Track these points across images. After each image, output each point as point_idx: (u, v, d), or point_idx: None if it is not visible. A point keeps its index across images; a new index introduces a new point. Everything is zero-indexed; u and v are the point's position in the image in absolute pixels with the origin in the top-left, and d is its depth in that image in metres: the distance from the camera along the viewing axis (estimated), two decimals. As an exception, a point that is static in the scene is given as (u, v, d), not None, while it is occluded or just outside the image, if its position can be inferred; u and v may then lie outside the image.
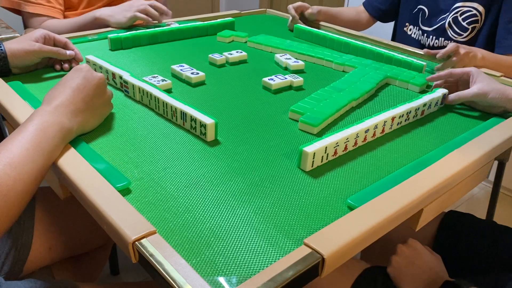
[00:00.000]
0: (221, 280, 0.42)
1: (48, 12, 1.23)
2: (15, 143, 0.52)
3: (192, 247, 0.46)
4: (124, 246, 0.45)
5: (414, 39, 1.31)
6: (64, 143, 0.59)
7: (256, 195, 0.55)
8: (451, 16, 1.18)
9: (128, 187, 0.55)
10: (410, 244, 0.78)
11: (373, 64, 0.99)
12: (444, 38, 1.21)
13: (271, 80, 0.87)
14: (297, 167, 0.62)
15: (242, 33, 1.19)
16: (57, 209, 0.83)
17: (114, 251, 1.34)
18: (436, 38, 1.23)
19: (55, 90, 0.63)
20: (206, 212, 0.52)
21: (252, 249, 0.46)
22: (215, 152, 0.64)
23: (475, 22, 1.15)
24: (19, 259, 0.76)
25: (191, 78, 0.87)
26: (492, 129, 0.74)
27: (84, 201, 0.52)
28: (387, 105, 0.83)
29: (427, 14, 1.25)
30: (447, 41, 1.21)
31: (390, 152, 0.67)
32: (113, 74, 0.84)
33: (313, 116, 0.73)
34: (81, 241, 0.87)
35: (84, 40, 1.09)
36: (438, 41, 1.23)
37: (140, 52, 1.05)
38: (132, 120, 0.73)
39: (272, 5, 3.13)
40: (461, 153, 0.65)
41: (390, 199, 0.53)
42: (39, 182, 0.54)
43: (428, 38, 1.25)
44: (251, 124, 0.73)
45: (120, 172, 0.57)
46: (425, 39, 1.26)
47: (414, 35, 1.30)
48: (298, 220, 0.51)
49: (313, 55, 1.04)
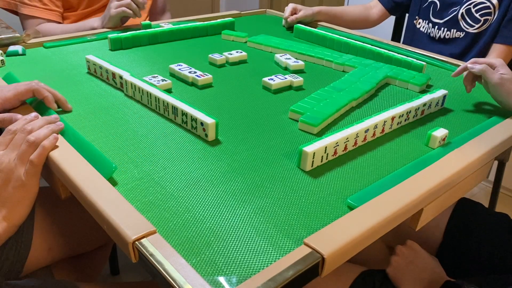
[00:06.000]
0: (221, 279, 0.42)
1: (43, 15, 1.22)
2: None
3: (192, 246, 0.46)
4: (124, 246, 0.45)
5: (423, 32, 1.31)
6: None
7: (256, 195, 0.55)
8: (464, 7, 1.19)
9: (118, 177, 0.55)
10: (409, 245, 0.79)
11: (373, 64, 0.99)
12: (456, 30, 1.22)
13: (271, 80, 0.87)
14: (297, 167, 0.62)
15: (242, 33, 1.19)
16: (57, 209, 0.83)
17: (114, 251, 1.33)
18: (448, 30, 1.23)
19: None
20: (206, 212, 0.52)
21: (252, 249, 0.46)
22: (215, 152, 0.64)
23: (488, 14, 1.16)
24: (19, 259, 0.76)
25: (198, 81, 0.86)
26: (492, 129, 0.74)
27: (84, 201, 0.52)
28: (387, 105, 0.83)
29: (439, 7, 1.25)
30: (460, 32, 1.21)
31: (390, 152, 0.67)
32: (113, 74, 0.84)
33: (313, 116, 0.73)
34: (81, 241, 0.87)
35: (83, 40, 1.09)
36: (450, 33, 1.23)
37: (140, 52, 1.05)
38: (132, 120, 0.73)
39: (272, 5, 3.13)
40: (461, 153, 0.65)
41: (390, 199, 0.53)
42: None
43: (439, 30, 1.25)
44: (251, 124, 0.73)
45: (108, 159, 0.58)
46: (436, 31, 1.26)
47: (423, 29, 1.31)
48: (298, 220, 0.51)
49: (313, 55, 1.04)
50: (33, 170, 0.58)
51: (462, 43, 1.22)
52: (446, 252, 0.87)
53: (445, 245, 0.87)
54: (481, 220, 0.87)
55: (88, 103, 0.78)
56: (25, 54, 1.00)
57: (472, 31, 1.19)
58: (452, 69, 1.05)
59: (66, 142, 0.62)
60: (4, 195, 0.58)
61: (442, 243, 0.87)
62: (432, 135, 0.68)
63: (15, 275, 0.76)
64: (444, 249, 0.87)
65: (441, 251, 0.87)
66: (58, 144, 0.61)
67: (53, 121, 0.64)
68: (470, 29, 1.20)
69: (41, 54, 1.01)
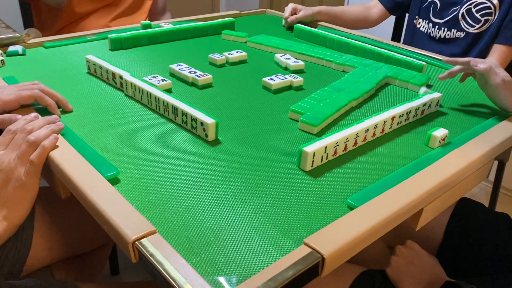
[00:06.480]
0: (221, 279, 0.42)
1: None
2: None
3: (192, 246, 0.46)
4: (124, 246, 0.45)
5: (423, 32, 1.31)
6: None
7: (256, 195, 0.55)
8: (464, 7, 1.19)
9: (118, 177, 0.55)
10: (408, 245, 0.79)
11: (373, 64, 0.99)
12: (457, 30, 1.22)
13: (271, 80, 0.87)
14: (297, 167, 0.62)
15: (242, 33, 1.19)
16: (57, 209, 0.83)
17: (114, 251, 1.34)
18: (448, 30, 1.23)
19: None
20: (206, 212, 0.52)
21: (252, 249, 0.46)
22: (215, 152, 0.64)
23: (488, 14, 1.16)
24: (19, 259, 0.76)
25: (198, 81, 0.86)
26: (492, 129, 0.74)
27: (84, 201, 0.52)
28: (387, 105, 0.83)
29: (439, 7, 1.26)
30: (460, 32, 1.21)
31: (390, 152, 0.67)
32: (113, 74, 0.84)
33: (313, 116, 0.73)
34: (81, 241, 0.87)
35: (83, 40, 1.09)
36: (450, 33, 1.23)
37: (140, 52, 1.05)
38: (132, 120, 0.73)
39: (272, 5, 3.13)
40: (461, 153, 0.65)
41: (390, 199, 0.53)
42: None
43: (439, 30, 1.25)
44: (251, 124, 0.73)
45: (109, 161, 0.58)
46: (436, 31, 1.26)
47: (423, 29, 1.31)
48: (298, 220, 0.51)
49: (313, 55, 1.04)
50: (33, 170, 0.58)
51: (462, 43, 1.22)
52: (446, 252, 0.87)
53: (445, 245, 0.87)
54: (481, 220, 0.87)
55: (88, 103, 0.78)
56: (25, 54, 1.00)
57: (473, 31, 1.19)
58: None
59: (66, 142, 0.62)
60: (4, 195, 0.58)
61: (442, 243, 0.87)
62: (432, 135, 0.68)
63: (15, 275, 0.76)
64: (444, 249, 0.87)
65: (441, 251, 0.87)
66: (58, 144, 0.61)
67: (53, 121, 0.64)
68: (470, 29, 1.20)
69: (41, 54, 1.01)
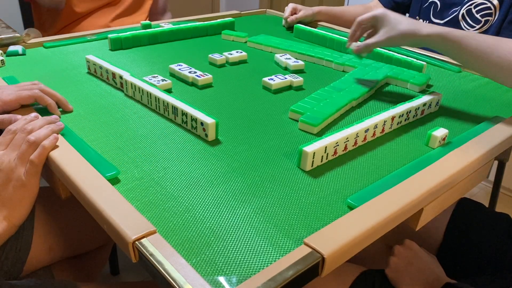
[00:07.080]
0: (221, 279, 0.42)
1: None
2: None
3: (192, 246, 0.46)
4: (124, 246, 0.45)
5: None
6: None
7: (256, 195, 0.55)
8: (465, 8, 1.19)
9: (118, 177, 0.55)
10: (407, 245, 0.78)
11: (373, 64, 0.99)
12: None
13: (271, 80, 0.87)
14: (297, 167, 0.62)
15: (242, 33, 1.19)
16: (57, 209, 0.83)
17: (114, 251, 1.34)
18: None
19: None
20: (206, 212, 0.52)
21: (252, 249, 0.46)
22: (215, 152, 0.64)
23: (488, 15, 1.16)
24: (19, 259, 0.76)
25: (198, 81, 0.86)
26: (492, 129, 0.74)
27: (84, 201, 0.52)
28: (387, 105, 0.83)
29: (439, 7, 1.25)
30: None
31: (390, 152, 0.67)
32: (113, 74, 0.84)
33: (313, 116, 0.73)
34: (81, 241, 0.87)
35: (83, 40, 1.09)
36: None
37: (140, 52, 1.05)
38: (132, 120, 0.73)
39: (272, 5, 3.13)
40: (461, 153, 0.65)
41: (390, 199, 0.53)
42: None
43: None
44: (251, 124, 0.73)
45: (109, 161, 0.59)
46: None
47: None
48: (298, 220, 0.51)
49: (313, 55, 1.04)
50: (34, 170, 0.58)
51: None
52: (446, 252, 0.87)
53: (445, 245, 0.87)
54: (481, 220, 0.87)
55: (88, 103, 0.78)
56: (25, 54, 1.00)
57: (473, 31, 1.19)
58: (452, 69, 1.05)
59: (66, 142, 0.62)
60: (4, 195, 0.58)
61: (442, 243, 0.87)
62: (432, 135, 0.68)
63: (15, 275, 0.76)
64: (444, 249, 0.87)
65: (441, 251, 0.87)
66: (58, 144, 0.61)
67: (53, 121, 0.64)
68: (470, 30, 1.19)
69: (41, 54, 1.01)
